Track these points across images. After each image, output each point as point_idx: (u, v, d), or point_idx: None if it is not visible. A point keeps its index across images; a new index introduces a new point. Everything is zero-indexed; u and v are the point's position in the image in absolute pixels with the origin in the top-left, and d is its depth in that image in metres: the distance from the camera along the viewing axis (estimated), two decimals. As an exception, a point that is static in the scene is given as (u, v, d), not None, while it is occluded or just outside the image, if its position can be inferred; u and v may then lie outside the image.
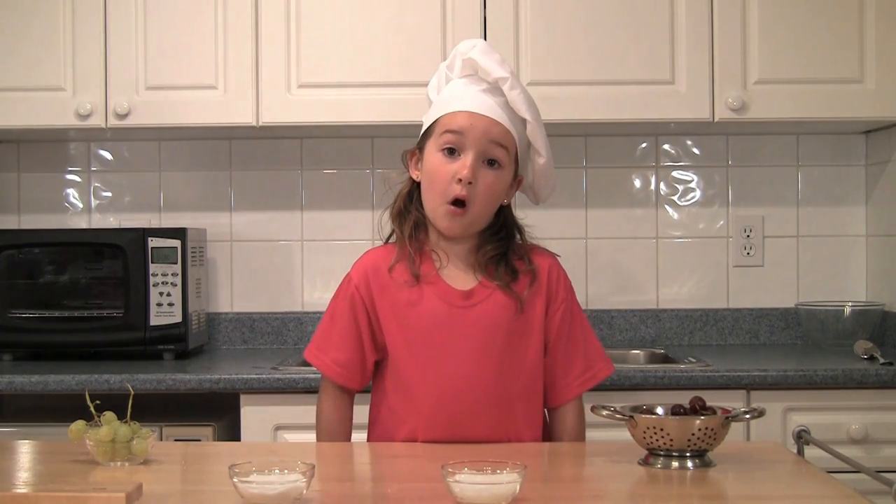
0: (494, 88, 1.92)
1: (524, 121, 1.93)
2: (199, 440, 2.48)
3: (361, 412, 2.12)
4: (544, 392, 1.98)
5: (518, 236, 1.99)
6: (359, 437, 2.11)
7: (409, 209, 1.97)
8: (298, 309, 3.16)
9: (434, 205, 1.91)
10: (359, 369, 1.96)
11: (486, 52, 1.93)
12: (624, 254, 3.15)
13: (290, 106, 2.82)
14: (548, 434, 2.00)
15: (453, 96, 1.93)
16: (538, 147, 1.95)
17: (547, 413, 2.01)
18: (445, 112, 1.91)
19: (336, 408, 1.99)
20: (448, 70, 1.99)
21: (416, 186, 1.97)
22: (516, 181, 1.98)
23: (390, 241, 2.02)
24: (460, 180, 1.86)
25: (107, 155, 3.20)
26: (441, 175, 1.88)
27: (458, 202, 1.87)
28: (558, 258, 2.01)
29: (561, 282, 1.98)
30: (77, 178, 3.20)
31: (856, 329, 2.88)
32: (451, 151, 1.89)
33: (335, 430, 1.98)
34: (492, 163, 1.89)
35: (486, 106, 1.90)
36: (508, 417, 1.92)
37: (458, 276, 1.94)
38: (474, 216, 1.90)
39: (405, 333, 1.92)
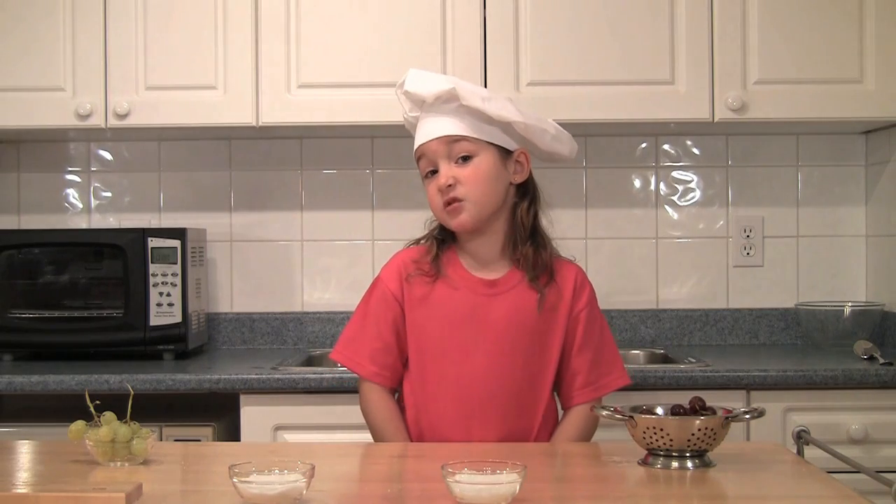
0: (438, 105, 1.96)
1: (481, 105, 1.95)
2: (199, 440, 2.48)
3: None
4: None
5: (546, 244, 2.03)
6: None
7: (435, 233, 2.07)
8: (298, 309, 3.16)
9: (440, 218, 2.01)
10: (393, 367, 2.01)
11: (414, 79, 1.99)
12: (624, 254, 3.15)
13: (290, 106, 2.82)
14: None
15: (416, 136, 2.02)
16: (513, 118, 1.96)
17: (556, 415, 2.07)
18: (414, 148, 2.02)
19: (381, 408, 2.01)
20: (409, 114, 2.05)
21: None
22: (520, 154, 2.00)
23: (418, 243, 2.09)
24: (441, 190, 1.95)
25: (107, 155, 3.20)
26: (431, 195, 1.99)
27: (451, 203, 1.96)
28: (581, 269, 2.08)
29: (585, 290, 2.04)
30: (77, 179, 3.20)
31: (856, 329, 2.88)
32: (433, 172, 1.98)
33: (388, 430, 2.00)
34: (464, 159, 1.96)
35: (430, 130, 1.97)
36: (527, 415, 1.96)
37: (486, 271, 2.00)
38: (471, 205, 1.95)
39: (428, 328, 1.97)
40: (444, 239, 2.03)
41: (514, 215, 2.00)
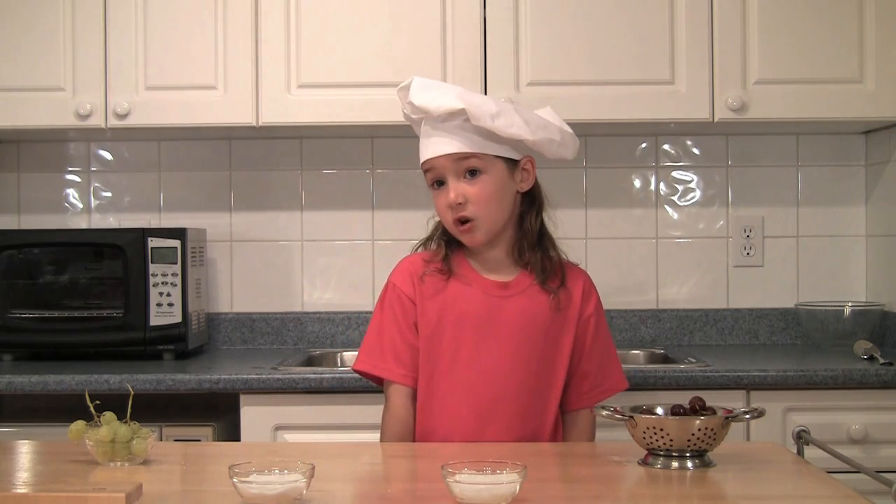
0: (444, 118, 1.94)
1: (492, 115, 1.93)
2: (199, 440, 2.48)
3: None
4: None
5: (552, 246, 2.04)
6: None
7: (439, 234, 2.07)
8: (298, 309, 3.16)
9: (453, 233, 2.01)
10: (417, 367, 2.00)
11: (420, 91, 1.96)
12: (624, 254, 3.15)
13: (290, 106, 2.81)
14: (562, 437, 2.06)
15: (421, 144, 2.00)
16: (524, 135, 1.96)
17: (561, 417, 2.06)
18: (421, 160, 2.01)
19: (404, 418, 1.99)
20: (411, 115, 2.03)
21: None
22: (527, 161, 2.01)
23: (423, 248, 2.09)
24: (450, 207, 1.95)
25: (107, 155, 3.20)
26: (439, 208, 2.00)
27: (462, 221, 1.96)
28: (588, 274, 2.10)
29: (593, 294, 2.07)
30: (77, 178, 3.20)
31: (856, 329, 2.88)
32: (440, 184, 1.98)
33: (406, 439, 2.00)
34: (472, 173, 1.95)
35: (437, 147, 1.95)
36: (539, 416, 1.97)
37: (496, 274, 2.01)
38: (483, 224, 1.97)
39: (441, 326, 1.97)
40: (450, 240, 2.04)
41: (522, 223, 2.02)
